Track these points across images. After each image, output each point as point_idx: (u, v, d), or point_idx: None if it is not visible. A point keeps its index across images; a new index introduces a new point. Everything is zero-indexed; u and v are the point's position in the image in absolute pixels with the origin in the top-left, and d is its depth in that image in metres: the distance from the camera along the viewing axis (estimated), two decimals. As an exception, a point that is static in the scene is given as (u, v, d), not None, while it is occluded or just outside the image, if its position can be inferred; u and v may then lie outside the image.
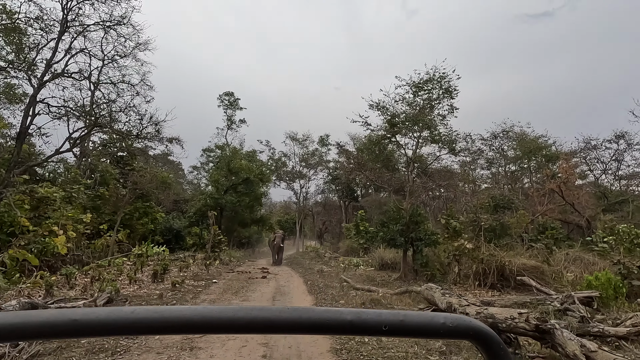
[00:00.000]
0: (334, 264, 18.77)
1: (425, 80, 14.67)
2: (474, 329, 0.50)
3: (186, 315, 0.45)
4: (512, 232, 17.13)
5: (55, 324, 0.43)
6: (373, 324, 0.48)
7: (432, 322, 0.49)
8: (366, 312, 0.49)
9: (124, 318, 0.44)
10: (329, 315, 0.48)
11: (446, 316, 0.50)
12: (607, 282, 7.03)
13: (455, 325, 0.49)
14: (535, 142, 25.33)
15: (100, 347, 4.35)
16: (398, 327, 0.48)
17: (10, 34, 9.66)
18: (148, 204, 20.53)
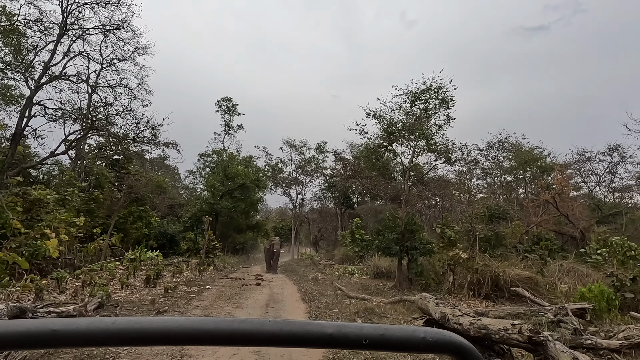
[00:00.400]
0: (329, 272, 18.67)
1: (422, 90, 14.83)
2: (453, 343, 0.50)
3: (167, 327, 0.45)
4: (507, 243, 17.18)
5: (35, 334, 0.43)
6: (354, 337, 0.48)
7: (413, 337, 0.50)
8: (347, 325, 0.50)
9: (104, 329, 0.44)
10: (310, 328, 0.49)
11: (426, 330, 0.51)
12: (600, 294, 7.05)
13: (435, 340, 0.50)
14: (530, 153, 25.56)
15: (89, 353, 4.28)
16: (378, 341, 0.49)
17: (9, 36, 9.66)
18: (143, 208, 20.40)
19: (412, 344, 0.50)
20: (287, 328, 0.48)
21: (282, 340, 0.48)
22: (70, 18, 8.28)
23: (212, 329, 0.46)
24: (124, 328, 0.44)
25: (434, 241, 14.48)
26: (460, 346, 0.50)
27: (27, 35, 10.08)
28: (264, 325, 0.48)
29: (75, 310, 5.73)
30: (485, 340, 4.96)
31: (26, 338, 0.43)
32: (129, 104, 8.91)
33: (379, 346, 0.49)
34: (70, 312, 5.62)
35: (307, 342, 0.49)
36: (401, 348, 0.51)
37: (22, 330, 0.43)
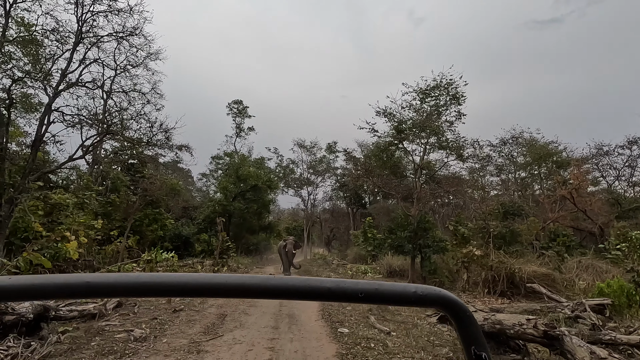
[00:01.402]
0: (342, 271, 18.68)
1: (432, 87, 14.72)
2: (442, 297, 0.53)
3: (184, 281, 0.50)
4: (523, 240, 16.90)
5: (71, 285, 0.49)
6: (350, 291, 0.52)
7: (405, 291, 0.53)
8: (344, 281, 0.54)
9: (129, 282, 0.50)
10: (310, 283, 0.53)
11: (417, 286, 0.54)
12: (619, 290, 6.88)
13: (426, 294, 0.53)
14: (545, 149, 25.03)
15: (110, 349, 4.42)
16: (373, 295, 0.52)
17: (28, 46, 10.01)
18: (158, 210, 20.79)
19: (404, 298, 0.54)
20: (290, 282, 0.53)
21: (286, 293, 0.53)
22: (85, 26, 8.56)
23: (223, 283, 0.51)
24: (146, 282, 0.50)
25: (447, 239, 14.36)
26: (449, 300, 0.53)
27: (44, 44, 10.43)
28: (269, 280, 0.52)
29: (96, 309, 5.91)
30: (500, 336, 4.92)
31: (66, 289, 0.49)
32: (143, 107, 9.15)
33: (374, 299, 0.53)
34: (90, 311, 5.80)
35: (309, 295, 0.54)
36: (394, 301, 0.55)
37: (60, 283, 0.49)
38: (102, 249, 15.65)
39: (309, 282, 0.53)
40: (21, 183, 7.47)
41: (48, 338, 4.24)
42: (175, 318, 6.40)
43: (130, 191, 19.40)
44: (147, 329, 5.38)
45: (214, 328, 5.78)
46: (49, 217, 11.80)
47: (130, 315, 6.38)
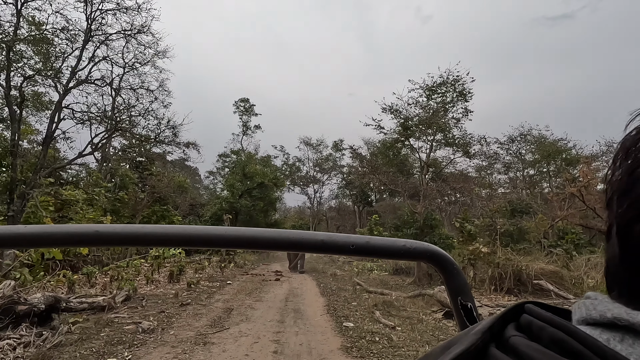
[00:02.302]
0: (348, 268, 18.68)
1: (439, 84, 14.63)
2: (430, 251, 0.56)
3: (186, 232, 0.53)
4: (531, 237, 16.75)
5: (81, 233, 0.52)
6: (342, 244, 0.54)
7: (394, 245, 0.55)
8: (337, 235, 0.56)
9: (135, 232, 0.53)
10: (304, 236, 0.55)
11: (406, 241, 0.57)
12: (628, 287, 6.80)
13: (414, 248, 0.55)
14: (554, 146, 24.73)
15: (119, 339, 4.51)
16: (364, 247, 0.54)
17: (39, 44, 10.17)
18: (165, 207, 21.04)
19: (393, 251, 0.55)
20: (285, 235, 0.55)
21: (281, 244, 0.55)
22: (94, 24, 8.68)
23: (222, 234, 0.54)
24: (151, 232, 0.53)
25: (453, 236, 14.30)
26: (436, 253, 0.55)
27: (54, 43, 10.60)
28: (265, 232, 0.55)
29: (105, 302, 6.02)
30: (505, 331, 4.91)
31: (77, 237, 0.52)
32: (150, 104, 9.27)
33: (364, 252, 0.55)
34: (100, 303, 5.91)
35: (303, 247, 0.56)
36: (383, 254, 0.57)
37: (70, 231, 0.52)
38: (111, 245, 15.90)
39: (303, 235, 0.55)
40: (33, 179, 7.62)
41: (59, 328, 4.34)
42: (182, 311, 6.49)
43: (138, 188, 19.66)
44: (154, 322, 5.47)
45: (220, 321, 5.85)
46: (60, 212, 12.02)
47: (138, 308, 6.49)
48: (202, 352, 4.24)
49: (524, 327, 0.28)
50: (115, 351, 4.11)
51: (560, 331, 0.25)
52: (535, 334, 0.27)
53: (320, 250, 0.56)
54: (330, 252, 0.57)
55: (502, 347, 0.27)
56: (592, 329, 0.27)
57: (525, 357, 0.24)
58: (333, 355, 4.37)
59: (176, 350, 4.26)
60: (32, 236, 0.50)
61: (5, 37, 8.59)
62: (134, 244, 0.54)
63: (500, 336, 0.28)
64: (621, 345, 0.25)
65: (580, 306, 0.30)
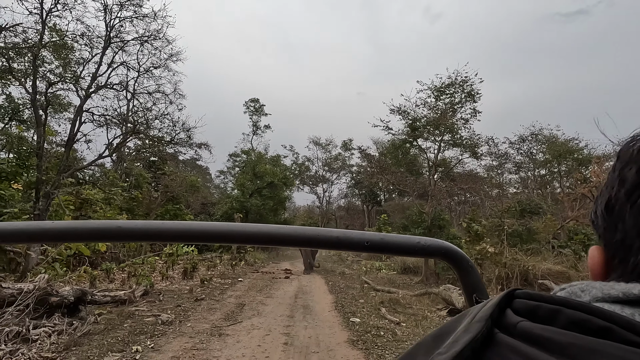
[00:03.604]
0: (356, 267, 18.91)
1: (447, 85, 14.73)
2: (445, 248, 0.56)
3: (204, 228, 0.57)
4: (540, 238, 16.71)
5: (105, 229, 0.55)
6: (357, 240, 0.55)
7: (409, 242, 0.56)
8: (351, 232, 0.58)
9: (155, 228, 0.56)
10: (319, 233, 0.57)
11: (421, 238, 0.57)
12: (631, 287, 6.90)
13: (429, 245, 0.56)
14: (565, 146, 24.50)
15: (140, 330, 4.85)
16: (378, 244, 0.55)
17: (60, 50, 10.66)
18: (178, 206, 21.58)
19: (407, 248, 0.56)
20: (300, 231, 0.57)
21: (297, 241, 0.57)
22: (114, 32, 9.11)
23: (238, 230, 0.56)
24: (169, 228, 0.56)
25: (460, 236, 14.41)
26: (451, 250, 0.56)
27: (74, 49, 11.09)
28: (280, 229, 0.56)
29: (125, 296, 6.40)
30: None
31: (99, 232, 0.55)
32: (166, 108, 9.66)
33: (379, 248, 0.56)
34: (121, 297, 6.29)
35: (317, 243, 0.57)
36: (398, 251, 0.57)
37: (94, 227, 0.55)
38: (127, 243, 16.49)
39: (319, 232, 0.57)
40: (57, 179, 8.07)
41: (87, 318, 4.71)
42: (197, 306, 6.84)
43: (151, 187, 20.23)
44: (172, 315, 5.82)
45: (233, 315, 6.17)
46: (79, 211, 12.56)
47: (156, 302, 6.85)
48: (218, 342, 4.55)
49: (523, 312, 0.28)
50: (139, 340, 4.45)
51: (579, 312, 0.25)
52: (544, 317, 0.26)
53: (334, 247, 0.57)
54: (345, 249, 0.57)
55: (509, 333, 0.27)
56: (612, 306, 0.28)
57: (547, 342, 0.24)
58: (340, 347, 4.63)
59: (194, 341, 4.58)
60: (59, 231, 0.53)
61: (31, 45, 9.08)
62: (153, 239, 0.57)
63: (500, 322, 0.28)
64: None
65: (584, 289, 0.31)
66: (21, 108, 15.19)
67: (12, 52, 10.11)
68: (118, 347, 4.14)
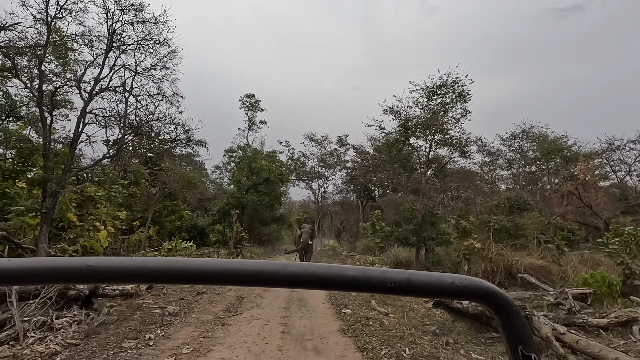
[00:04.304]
0: (350, 262, 19.49)
1: (439, 85, 15.20)
2: (484, 289, 0.48)
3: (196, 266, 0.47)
4: (527, 233, 17.36)
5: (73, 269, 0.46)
6: (378, 280, 0.48)
7: (440, 282, 0.48)
8: (371, 269, 0.49)
9: (134, 267, 0.46)
10: (333, 271, 0.48)
11: (454, 276, 0.50)
12: (601, 280, 7.48)
13: (465, 285, 0.48)
14: (554, 144, 25.17)
15: (150, 320, 5.30)
16: (405, 285, 0.48)
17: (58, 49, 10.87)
18: (175, 202, 21.94)
19: (439, 289, 0.49)
20: (310, 270, 0.48)
21: (306, 281, 0.48)
22: (116, 36, 9.42)
23: (238, 269, 0.47)
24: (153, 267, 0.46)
25: (450, 232, 14.98)
26: (492, 293, 0.49)
27: (73, 48, 11.34)
28: (288, 267, 0.49)
29: (132, 290, 6.84)
30: (482, 317, 5.64)
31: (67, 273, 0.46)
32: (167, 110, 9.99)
33: (405, 290, 0.48)
34: (128, 291, 6.73)
35: (331, 284, 0.49)
36: (428, 293, 0.50)
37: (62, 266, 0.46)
38: (126, 238, 16.86)
39: (332, 270, 0.49)
40: (63, 179, 8.44)
41: (101, 310, 5.15)
42: (199, 299, 7.30)
43: (149, 183, 20.53)
44: (177, 307, 6.27)
45: (233, 307, 6.64)
46: (81, 208, 12.91)
47: (160, 296, 7.30)
48: (222, 331, 5.03)
49: None
50: (149, 329, 4.91)
51: None
52: None
53: (352, 288, 0.50)
54: (364, 290, 0.50)
55: None
56: None
57: None
58: (332, 335, 5.13)
59: (200, 330, 5.05)
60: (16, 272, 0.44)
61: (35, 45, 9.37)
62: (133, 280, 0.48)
63: None
64: None
65: None
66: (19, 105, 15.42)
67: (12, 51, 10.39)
68: (132, 335, 4.59)
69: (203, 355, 4.03)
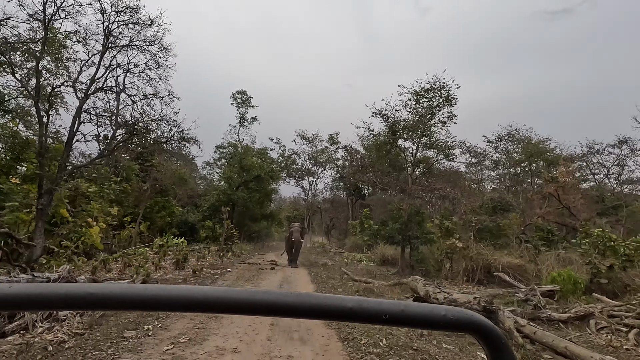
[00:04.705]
0: (339, 259, 19.97)
1: (426, 89, 15.71)
2: (475, 322, 0.50)
3: (195, 295, 0.48)
4: (509, 233, 18.10)
5: (75, 296, 0.45)
6: (374, 312, 0.49)
7: (433, 314, 0.50)
8: (367, 300, 0.50)
9: (137, 294, 0.46)
10: (330, 302, 0.49)
11: (447, 308, 0.50)
12: (567, 278, 8.09)
13: (457, 318, 0.49)
14: (536, 147, 26.04)
15: (147, 313, 5.65)
16: (399, 317, 0.49)
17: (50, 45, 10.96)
18: (166, 198, 22.12)
19: (432, 321, 0.50)
20: (308, 300, 0.48)
21: (303, 312, 0.49)
22: (111, 38, 9.63)
23: (235, 298, 0.48)
24: (156, 295, 0.47)
25: (434, 232, 15.56)
26: (483, 326, 0.50)
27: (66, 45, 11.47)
28: (286, 297, 0.48)
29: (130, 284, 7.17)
30: (455, 311, 6.15)
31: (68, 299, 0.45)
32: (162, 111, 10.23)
33: (399, 322, 0.49)
34: (124, 285, 7.06)
35: (327, 314, 0.50)
36: (421, 325, 0.51)
37: (62, 293, 0.45)
38: (118, 234, 17.03)
39: (329, 301, 0.49)
40: (58, 176, 8.66)
41: (101, 303, 5.49)
42: (192, 293, 7.65)
43: (140, 179, 20.65)
44: (172, 301, 6.62)
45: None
46: (72, 204, 13.07)
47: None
48: (215, 323, 5.42)
49: None
50: (147, 321, 5.27)
51: None
52: None
53: (347, 319, 0.50)
54: (359, 321, 0.51)
55: None
56: None
57: None
58: (317, 327, 5.56)
59: (194, 322, 5.43)
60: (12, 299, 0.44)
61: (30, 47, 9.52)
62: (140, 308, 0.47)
63: None
64: None
65: None
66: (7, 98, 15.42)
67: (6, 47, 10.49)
68: (132, 326, 4.95)
69: (199, 344, 4.42)
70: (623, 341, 5.23)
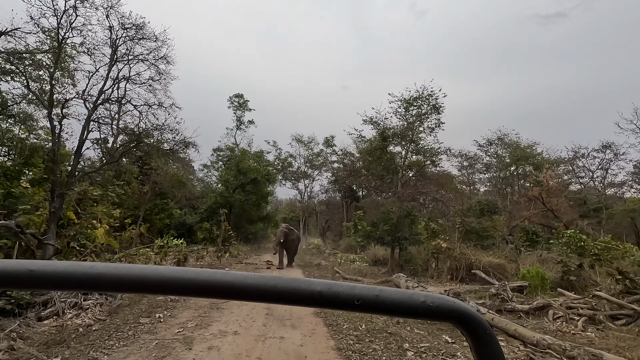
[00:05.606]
0: (332, 259, 20.73)
1: (415, 97, 16.57)
2: (457, 310, 0.46)
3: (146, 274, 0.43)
4: (494, 234, 18.97)
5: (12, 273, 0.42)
6: (345, 297, 0.45)
7: (410, 300, 0.46)
8: (338, 284, 0.45)
9: (81, 272, 0.42)
10: (297, 285, 0.45)
11: (427, 295, 0.47)
12: (536, 275, 8.91)
13: (437, 306, 0.45)
14: (524, 151, 27.00)
15: (157, 304, 6.39)
16: (372, 303, 0.45)
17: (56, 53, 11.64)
18: (165, 201, 22.77)
19: (409, 309, 0.46)
20: (272, 283, 0.44)
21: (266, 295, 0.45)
22: (119, 52, 10.36)
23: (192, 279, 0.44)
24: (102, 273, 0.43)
25: (422, 233, 16.37)
26: (465, 314, 0.46)
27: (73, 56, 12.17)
28: (247, 278, 0.45)
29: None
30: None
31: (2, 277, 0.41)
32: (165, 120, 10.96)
33: (373, 308, 0.45)
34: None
35: (293, 299, 0.45)
36: (397, 312, 0.47)
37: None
38: (119, 235, 17.68)
39: (295, 284, 0.45)
40: (69, 182, 9.36)
41: (116, 295, 6.21)
42: (195, 289, 8.38)
43: (139, 182, 21.30)
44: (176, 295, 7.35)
45: (225, 296, 7.76)
46: (78, 207, 13.74)
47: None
48: (217, 313, 6.16)
49: None
50: (157, 311, 5.99)
51: None
52: None
53: (316, 304, 0.46)
54: (329, 307, 0.46)
55: None
56: None
57: None
58: (307, 316, 6.32)
59: (199, 312, 6.16)
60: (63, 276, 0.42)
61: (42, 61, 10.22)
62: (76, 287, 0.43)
63: None
64: None
65: None
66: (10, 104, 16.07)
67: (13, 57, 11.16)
68: (145, 314, 5.68)
69: (204, 328, 5.16)
70: (572, 327, 6.04)
